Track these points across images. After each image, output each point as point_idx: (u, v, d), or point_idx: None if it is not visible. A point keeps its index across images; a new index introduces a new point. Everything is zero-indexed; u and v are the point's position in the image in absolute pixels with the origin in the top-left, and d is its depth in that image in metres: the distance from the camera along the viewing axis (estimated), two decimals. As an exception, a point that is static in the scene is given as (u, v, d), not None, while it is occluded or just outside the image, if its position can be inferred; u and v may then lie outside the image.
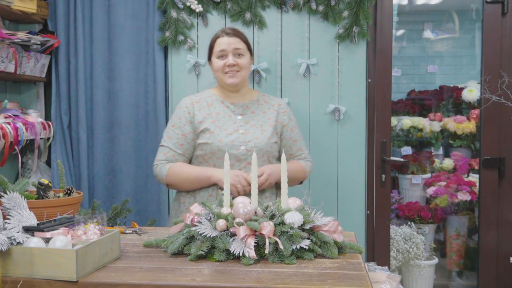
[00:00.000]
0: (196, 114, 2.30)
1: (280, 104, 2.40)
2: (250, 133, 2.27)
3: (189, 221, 1.74)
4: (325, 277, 1.47)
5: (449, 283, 3.86)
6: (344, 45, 2.90)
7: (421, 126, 4.22)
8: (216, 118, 2.28)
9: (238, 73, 2.28)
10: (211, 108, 2.32)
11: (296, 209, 1.72)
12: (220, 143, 2.22)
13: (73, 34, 2.94)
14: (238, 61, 2.28)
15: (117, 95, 2.99)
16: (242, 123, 2.29)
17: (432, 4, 4.60)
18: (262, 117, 2.33)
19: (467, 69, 4.73)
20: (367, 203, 2.98)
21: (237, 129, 2.26)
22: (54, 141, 2.93)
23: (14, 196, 1.68)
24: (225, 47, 2.28)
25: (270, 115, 2.35)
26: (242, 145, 2.23)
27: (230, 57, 2.28)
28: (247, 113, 2.33)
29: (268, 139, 2.28)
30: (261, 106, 2.37)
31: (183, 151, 2.28)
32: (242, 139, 2.24)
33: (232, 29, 2.34)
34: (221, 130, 2.25)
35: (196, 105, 2.33)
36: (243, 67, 2.30)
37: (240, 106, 2.34)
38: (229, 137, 2.24)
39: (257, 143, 2.25)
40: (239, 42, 2.29)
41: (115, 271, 1.55)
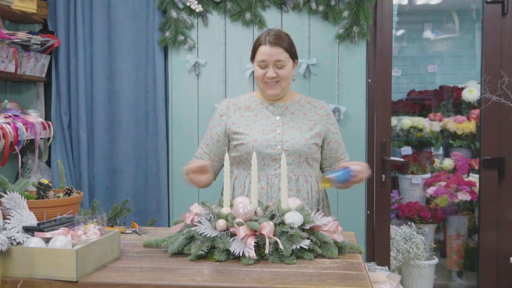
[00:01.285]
0: (231, 116, 2.27)
1: (323, 106, 2.31)
2: (288, 133, 2.20)
3: (189, 221, 1.74)
4: (325, 277, 1.47)
5: (449, 283, 3.86)
6: (344, 45, 2.90)
7: (421, 126, 4.21)
8: (253, 120, 2.25)
9: (278, 83, 2.20)
10: (248, 111, 2.28)
11: (296, 209, 1.72)
12: (256, 142, 2.18)
13: (73, 34, 2.94)
14: (279, 73, 2.18)
15: (117, 95, 2.99)
16: (280, 124, 2.23)
17: (432, 4, 4.60)
18: (302, 118, 2.26)
19: (467, 69, 4.72)
20: (367, 203, 2.98)
21: (275, 129, 2.21)
22: (54, 141, 2.93)
23: (14, 196, 1.68)
24: (266, 58, 2.16)
25: (311, 117, 2.26)
26: (278, 145, 2.17)
27: (270, 68, 2.17)
28: (286, 114, 2.26)
29: (306, 140, 2.19)
30: (302, 108, 2.28)
31: (208, 150, 2.29)
32: (278, 139, 2.19)
33: (276, 35, 2.19)
34: (257, 130, 2.22)
35: (232, 107, 2.30)
36: (284, 78, 2.19)
37: (280, 107, 2.27)
38: (265, 136, 2.19)
39: (294, 144, 2.18)
40: (281, 53, 2.16)
41: (115, 271, 1.55)
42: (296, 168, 2.19)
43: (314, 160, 2.25)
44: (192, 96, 2.96)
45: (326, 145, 2.28)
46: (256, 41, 2.22)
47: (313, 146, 2.21)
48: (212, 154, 2.28)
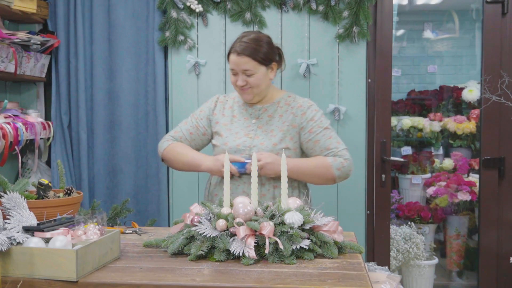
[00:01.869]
0: (216, 114, 2.30)
1: (300, 106, 2.24)
2: (259, 138, 2.20)
3: (189, 221, 1.74)
4: (325, 277, 1.47)
5: (449, 283, 3.86)
6: (344, 45, 2.90)
7: (421, 126, 4.22)
8: (230, 121, 2.27)
9: (251, 89, 2.19)
10: (230, 111, 2.30)
11: (296, 209, 1.72)
12: (226, 146, 2.20)
13: (73, 34, 2.94)
14: (248, 80, 2.17)
15: (117, 95, 2.99)
16: (254, 127, 2.23)
17: (432, 4, 4.60)
18: (277, 121, 2.23)
19: (467, 69, 4.72)
20: (367, 203, 2.98)
21: (248, 133, 2.22)
22: (54, 141, 2.93)
23: (14, 196, 1.68)
24: (234, 67, 2.17)
25: (286, 118, 2.22)
26: (246, 150, 2.18)
27: (240, 77, 2.18)
28: (263, 116, 2.25)
29: (274, 145, 2.17)
30: (279, 109, 2.25)
31: (191, 139, 2.30)
32: (248, 143, 2.19)
33: (244, 44, 2.16)
34: (232, 133, 2.23)
35: (219, 104, 2.33)
36: (255, 86, 2.18)
37: (258, 109, 2.26)
38: (237, 141, 2.20)
39: (262, 149, 2.17)
40: (247, 62, 2.14)
41: (115, 271, 1.55)
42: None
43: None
44: (192, 96, 2.96)
45: (304, 144, 2.22)
46: (230, 47, 2.21)
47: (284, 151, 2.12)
48: (193, 144, 2.31)
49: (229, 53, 2.20)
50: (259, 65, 2.17)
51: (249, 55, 2.14)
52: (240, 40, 2.18)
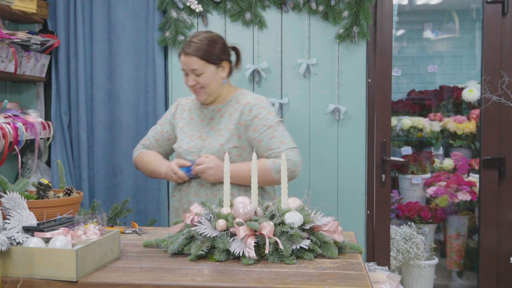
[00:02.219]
0: (176, 118, 2.36)
1: (248, 102, 2.23)
2: (209, 139, 2.22)
3: (189, 221, 1.74)
4: (325, 277, 1.47)
5: (449, 283, 3.85)
6: (344, 45, 2.90)
7: (421, 126, 4.22)
8: (187, 124, 2.31)
9: (202, 89, 2.22)
10: (188, 113, 2.34)
11: (296, 209, 1.72)
12: (180, 149, 2.25)
13: (73, 34, 2.94)
14: (198, 80, 2.19)
15: (117, 95, 2.99)
16: (207, 129, 2.26)
17: (432, 4, 4.60)
18: (227, 120, 2.23)
19: (467, 69, 4.72)
20: (367, 203, 2.98)
21: (201, 135, 2.25)
22: (54, 141, 2.93)
23: (14, 196, 1.68)
24: (184, 67, 2.21)
25: (234, 117, 2.22)
26: (196, 152, 2.21)
27: (190, 77, 2.21)
28: (216, 117, 2.26)
29: (221, 145, 2.17)
30: (230, 108, 2.25)
31: (157, 145, 2.38)
32: (199, 145, 2.22)
33: (192, 43, 2.18)
34: (187, 135, 2.27)
35: (180, 108, 2.38)
36: (205, 85, 2.20)
37: (212, 110, 2.28)
38: (190, 143, 2.24)
39: (209, 150, 2.18)
40: (194, 62, 2.16)
41: (115, 271, 1.55)
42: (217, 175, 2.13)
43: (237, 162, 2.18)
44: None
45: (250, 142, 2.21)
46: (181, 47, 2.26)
47: (232, 150, 2.17)
48: (161, 150, 2.38)
49: (179, 53, 2.24)
50: (207, 64, 2.18)
51: (196, 55, 2.16)
52: (189, 40, 2.21)
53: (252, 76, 2.91)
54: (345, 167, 2.93)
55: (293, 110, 2.92)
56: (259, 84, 2.92)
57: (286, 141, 2.17)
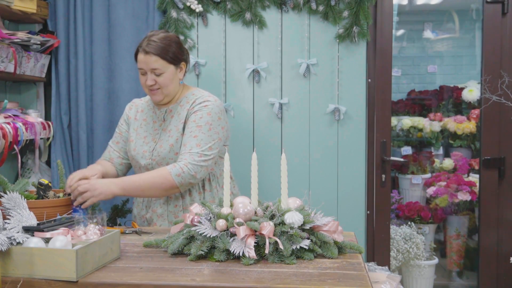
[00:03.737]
0: (131, 118, 2.34)
1: (194, 101, 2.19)
2: (160, 141, 2.19)
3: (189, 221, 1.74)
4: (325, 277, 1.47)
5: (449, 283, 3.86)
6: (344, 45, 2.90)
7: (421, 126, 4.22)
8: (140, 125, 2.28)
9: (159, 90, 2.17)
10: (141, 114, 2.31)
11: (296, 209, 1.72)
12: (134, 151, 2.23)
13: (73, 34, 2.94)
14: (157, 80, 2.15)
15: (117, 95, 2.99)
16: (160, 130, 2.22)
17: (432, 4, 4.60)
18: (176, 120, 2.19)
19: (467, 69, 4.73)
20: (367, 203, 2.98)
21: (154, 137, 2.22)
22: (54, 141, 2.93)
23: (14, 196, 1.68)
24: (143, 66, 2.15)
25: (183, 117, 2.18)
26: (150, 155, 2.19)
27: (148, 76, 2.15)
28: (167, 118, 2.23)
29: (171, 146, 2.14)
30: (180, 108, 2.21)
31: (118, 149, 2.34)
32: (151, 148, 2.19)
33: (151, 42, 2.14)
34: (140, 138, 2.24)
35: (133, 108, 2.35)
36: (164, 86, 2.16)
37: (164, 111, 2.24)
38: (144, 146, 2.21)
39: (160, 152, 2.16)
40: (155, 61, 2.12)
41: (115, 271, 1.55)
42: None
43: None
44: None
45: None
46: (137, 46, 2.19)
47: None
48: (122, 152, 2.34)
49: (137, 52, 2.17)
50: (168, 64, 2.15)
51: (157, 54, 2.12)
52: (148, 39, 2.15)
53: (252, 76, 2.91)
54: (345, 167, 2.93)
55: (293, 110, 2.92)
56: (259, 84, 2.92)
57: (202, 144, 2.09)
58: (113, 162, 2.34)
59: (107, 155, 2.36)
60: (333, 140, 2.92)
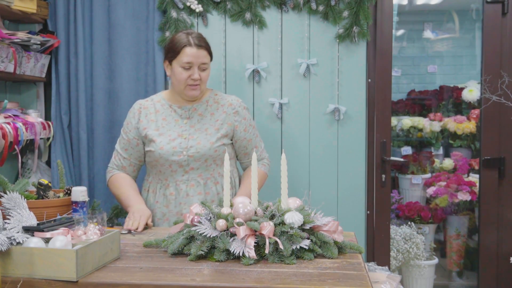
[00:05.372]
0: (142, 121, 2.31)
1: (231, 104, 2.32)
2: (194, 137, 2.23)
3: (189, 221, 1.75)
4: (325, 277, 1.47)
5: (449, 283, 3.86)
6: (344, 45, 2.90)
7: (421, 126, 4.22)
8: (161, 125, 2.28)
9: (199, 86, 2.25)
10: (157, 115, 2.31)
11: (296, 209, 1.72)
12: (162, 150, 2.22)
13: (73, 34, 2.94)
14: (202, 75, 2.24)
15: (117, 95, 2.99)
16: (187, 127, 2.26)
17: (432, 4, 4.61)
18: (209, 119, 2.28)
19: (467, 69, 4.73)
20: (367, 203, 2.98)
21: (182, 134, 2.24)
22: (54, 141, 2.93)
23: (14, 196, 1.68)
24: (193, 59, 2.20)
25: (218, 116, 2.28)
26: (184, 151, 2.20)
27: (196, 70, 2.21)
28: (194, 116, 2.28)
29: (212, 143, 2.22)
30: (209, 108, 2.30)
31: (128, 155, 2.34)
32: (184, 144, 2.21)
33: (200, 38, 2.25)
34: (165, 136, 2.24)
35: (143, 111, 2.33)
36: (204, 81, 2.27)
37: (188, 109, 2.29)
38: (172, 143, 2.22)
39: (199, 149, 2.21)
40: (205, 56, 2.23)
41: (115, 271, 1.55)
42: (203, 172, 2.23)
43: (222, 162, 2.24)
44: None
45: (234, 142, 2.33)
46: (177, 42, 2.22)
47: (220, 148, 2.23)
48: (132, 159, 2.34)
49: (183, 47, 2.20)
50: (210, 61, 2.28)
51: (207, 49, 2.25)
52: (192, 35, 2.24)
53: (252, 76, 2.91)
54: (345, 167, 2.93)
55: (293, 110, 2.92)
56: (259, 84, 2.92)
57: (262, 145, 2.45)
58: (125, 170, 2.35)
59: (118, 164, 2.35)
60: (333, 140, 2.92)
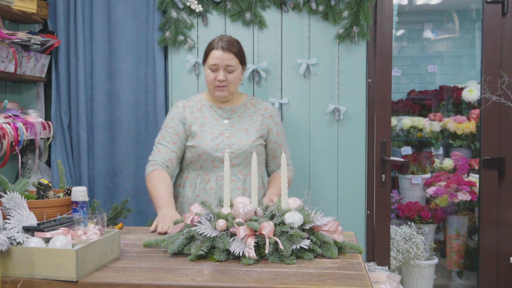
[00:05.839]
0: (187, 117, 2.40)
1: (267, 108, 2.46)
2: (235, 136, 2.35)
3: (189, 221, 1.75)
4: (325, 277, 1.47)
5: (449, 283, 3.86)
6: (344, 45, 2.90)
7: (421, 126, 4.22)
8: (203, 122, 2.38)
9: (226, 87, 2.34)
10: (199, 113, 2.41)
11: (296, 209, 1.72)
12: (206, 146, 2.32)
13: (73, 34, 2.94)
14: (228, 77, 2.32)
15: (117, 95, 2.99)
16: (228, 127, 2.37)
17: (432, 4, 4.60)
18: (248, 120, 2.41)
19: (467, 69, 4.72)
20: (367, 203, 2.98)
21: (223, 133, 2.35)
22: (54, 141, 2.93)
23: (14, 196, 1.68)
24: (218, 62, 2.30)
25: (256, 119, 2.42)
26: (226, 148, 2.32)
27: (221, 72, 2.31)
28: (233, 117, 2.41)
29: (252, 142, 2.35)
30: (247, 110, 2.44)
31: (176, 149, 2.37)
32: (226, 142, 2.33)
33: (228, 41, 2.33)
34: (208, 133, 2.35)
35: (187, 108, 2.42)
36: (232, 83, 2.34)
37: (227, 110, 2.41)
38: (215, 140, 2.33)
39: (241, 146, 2.33)
40: (231, 59, 2.31)
41: (115, 271, 1.55)
42: (243, 168, 2.35)
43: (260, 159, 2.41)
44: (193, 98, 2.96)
45: (270, 144, 2.46)
46: (208, 46, 2.37)
47: (259, 147, 2.38)
48: (179, 152, 2.39)
49: (210, 50, 2.33)
50: (239, 64, 2.35)
51: (233, 52, 2.32)
52: (222, 39, 2.34)
53: (252, 76, 2.91)
54: (345, 167, 2.93)
55: (293, 110, 2.92)
56: (259, 84, 2.92)
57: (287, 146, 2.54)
58: (171, 163, 2.36)
59: (165, 158, 2.35)
60: (333, 140, 2.92)
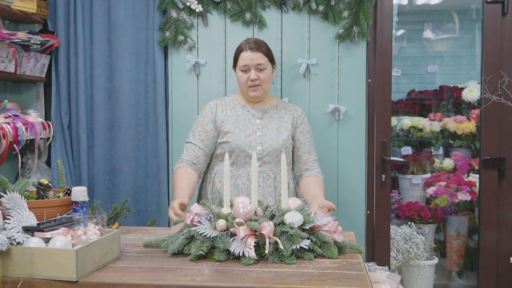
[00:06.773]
0: (219, 115, 2.47)
1: (297, 110, 2.54)
2: (267, 135, 2.42)
3: (189, 221, 1.75)
4: (325, 277, 1.47)
5: (449, 283, 3.86)
6: (344, 45, 2.90)
7: (421, 126, 4.21)
8: (237, 120, 2.45)
9: (259, 86, 2.42)
10: (232, 111, 2.48)
11: (296, 209, 1.72)
12: (239, 142, 2.38)
13: (73, 34, 2.94)
14: (260, 76, 2.40)
15: (117, 95, 2.99)
16: (260, 126, 2.45)
17: (432, 4, 4.60)
18: (279, 121, 2.48)
19: (467, 69, 4.72)
20: (367, 203, 2.98)
21: (255, 131, 2.43)
22: (54, 141, 2.93)
23: (14, 196, 1.68)
24: (248, 62, 2.39)
25: (287, 119, 2.49)
26: (258, 145, 2.39)
27: (252, 71, 2.39)
28: (265, 117, 2.48)
29: (283, 140, 2.42)
30: (279, 112, 2.51)
31: (204, 146, 2.42)
32: (259, 140, 2.40)
33: (255, 42, 2.42)
34: (241, 131, 2.42)
35: (220, 107, 2.50)
36: (264, 81, 2.42)
37: (260, 110, 2.49)
38: (248, 137, 2.40)
39: (272, 144, 2.40)
40: (261, 57, 2.39)
41: (115, 271, 1.55)
42: (274, 167, 2.41)
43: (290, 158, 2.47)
44: (192, 96, 2.96)
45: (294, 141, 2.49)
46: (237, 50, 2.46)
47: (290, 146, 2.45)
48: (207, 150, 2.44)
49: (240, 52, 2.43)
50: (268, 62, 2.43)
51: (262, 51, 2.41)
52: (247, 41, 2.44)
53: (252, 76, 2.91)
54: (345, 167, 2.93)
55: (293, 110, 2.92)
56: (259, 84, 2.92)
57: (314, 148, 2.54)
58: (198, 161, 2.40)
59: (191, 156, 2.40)
60: (333, 140, 2.92)
